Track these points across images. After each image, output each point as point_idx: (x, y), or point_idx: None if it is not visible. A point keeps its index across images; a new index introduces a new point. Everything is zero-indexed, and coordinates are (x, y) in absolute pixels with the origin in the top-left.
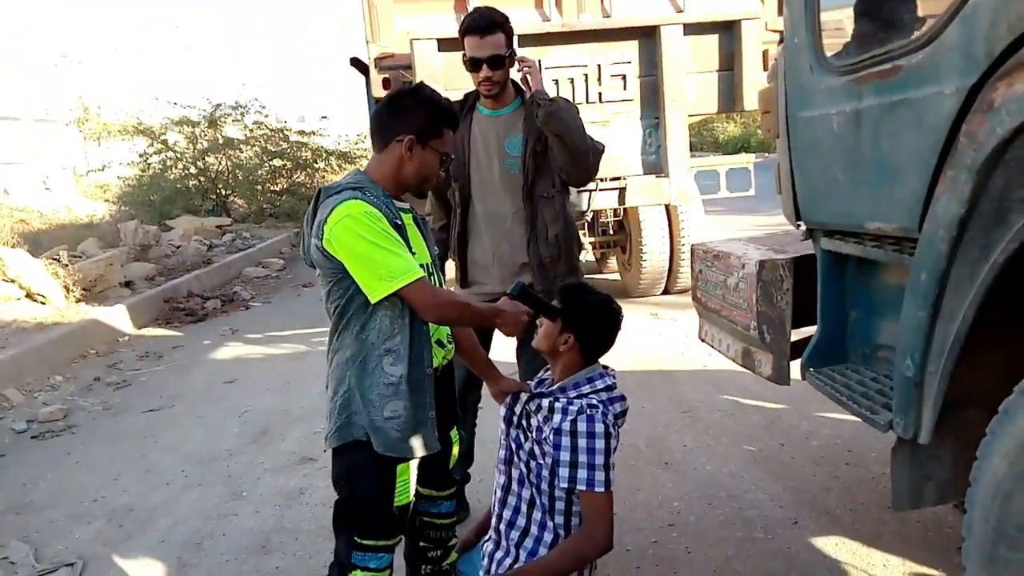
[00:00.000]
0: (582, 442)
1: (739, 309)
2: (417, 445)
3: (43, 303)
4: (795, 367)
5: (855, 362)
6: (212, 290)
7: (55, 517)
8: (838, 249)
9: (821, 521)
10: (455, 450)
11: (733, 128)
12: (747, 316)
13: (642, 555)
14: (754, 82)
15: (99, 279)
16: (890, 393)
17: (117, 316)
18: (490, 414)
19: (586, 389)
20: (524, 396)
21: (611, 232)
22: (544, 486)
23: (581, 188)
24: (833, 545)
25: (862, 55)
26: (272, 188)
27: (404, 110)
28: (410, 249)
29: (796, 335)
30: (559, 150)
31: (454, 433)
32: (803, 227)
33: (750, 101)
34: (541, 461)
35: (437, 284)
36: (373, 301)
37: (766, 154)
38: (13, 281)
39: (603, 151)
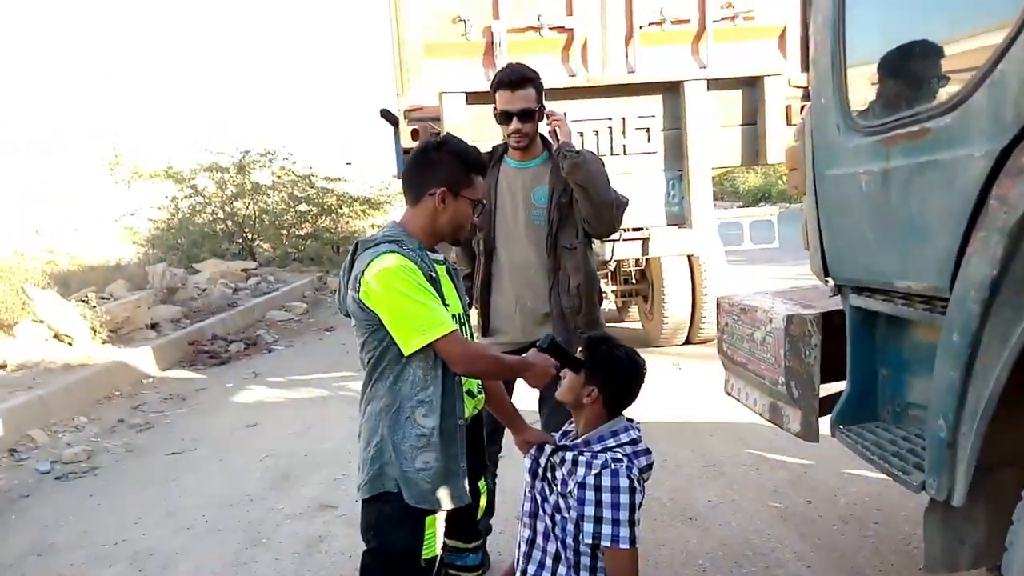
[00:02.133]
0: (606, 497)
1: (766, 364)
2: (446, 497)
3: (70, 344)
4: (824, 423)
5: (885, 420)
6: (236, 333)
7: (76, 560)
8: (867, 306)
9: None
10: (483, 501)
11: (754, 178)
12: (775, 371)
13: None
14: (776, 135)
15: (126, 321)
16: (922, 453)
17: (142, 358)
18: (509, 464)
19: (611, 443)
20: (548, 448)
21: (633, 281)
22: (569, 540)
23: (604, 239)
24: None
25: (889, 116)
26: (297, 233)
27: (434, 164)
28: (443, 301)
29: (825, 390)
30: (583, 201)
31: (482, 484)
32: (831, 283)
33: (773, 154)
34: (566, 515)
35: (468, 335)
36: (407, 353)
37: (788, 204)
38: (42, 322)
39: (627, 204)
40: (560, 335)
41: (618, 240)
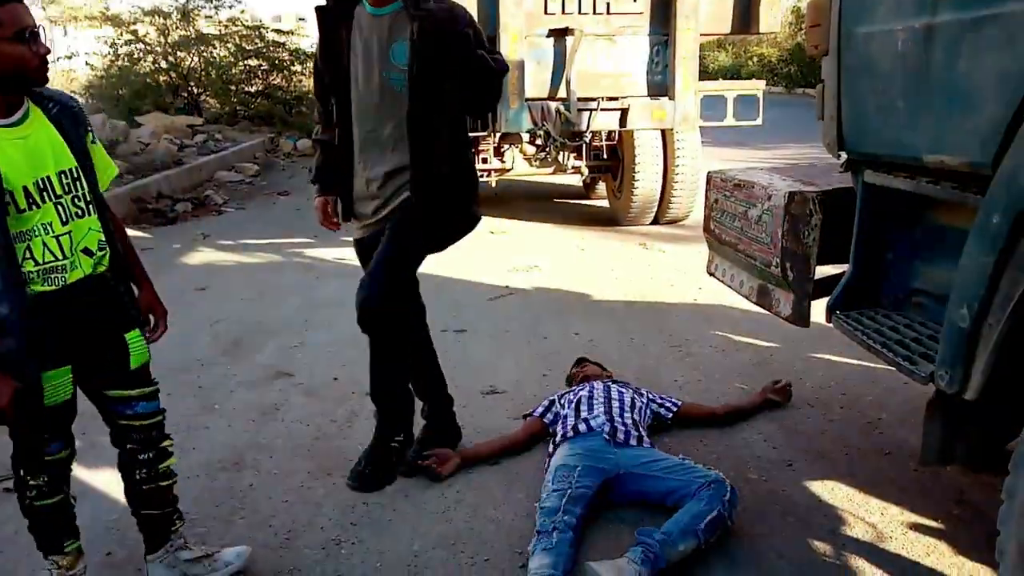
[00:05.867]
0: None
1: (759, 244)
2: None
3: None
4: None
5: (886, 307)
6: (183, 192)
7: None
8: (885, 183)
9: (816, 465)
10: (139, 351)
11: (724, 57)
12: (768, 252)
13: None
14: (771, 3)
15: None
16: (927, 343)
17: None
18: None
19: None
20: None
21: (604, 156)
22: (650, 408)
23: (584, 106)
24: (829, 490)
25: None
26: (247, 89)
27: None
28: None
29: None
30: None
31: (133, 335)
32: (843, 158)
33: (766, 23)
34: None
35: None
36: None
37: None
38: None
39: (507, 72)
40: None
41: (596, 110)
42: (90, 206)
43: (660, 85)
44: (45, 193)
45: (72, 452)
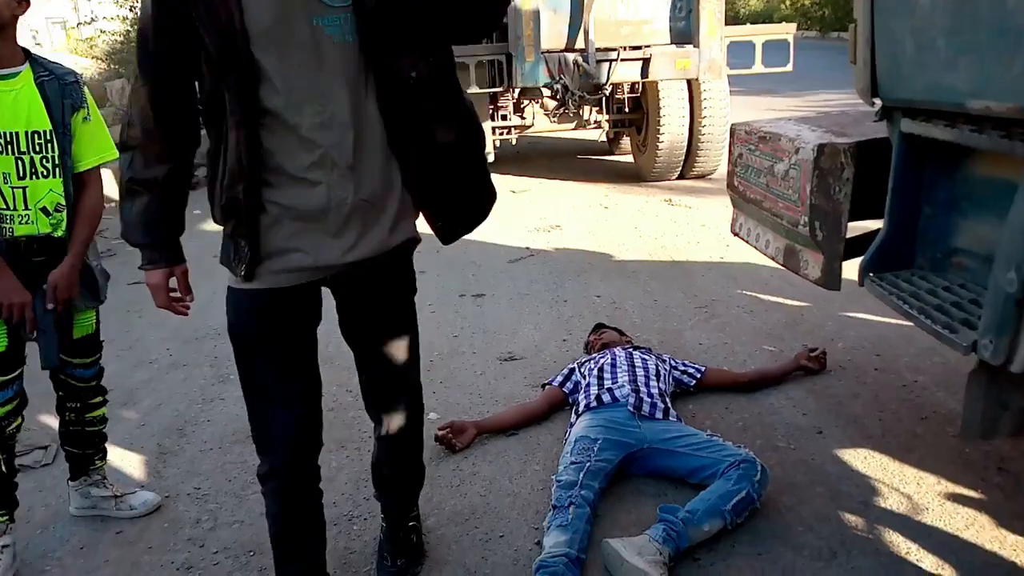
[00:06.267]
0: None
1: (786, 200)
2: None
3: None
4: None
5: (922, 267)
6: (201, 157)
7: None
8: (923, 132)
9: (848, 431)
10: (83, 323)
11: (755, 1)
12: (796, 210)
13: None
14: None
15: None
16: (969, 307)
17: (104, 179)
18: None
19: None
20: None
21: (626, 110)
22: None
23: (603, 57)
24: (862, 459)
25: None
26: None
27: None
28: None
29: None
30: None
31: (86, 312)
32: (878, 105)
33: None
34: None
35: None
36: None
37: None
38: None
39: None
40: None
41: (615, 60)
42: (56, 169)
43: (683, 32)
44: (11, 147)
45: (14, 412)
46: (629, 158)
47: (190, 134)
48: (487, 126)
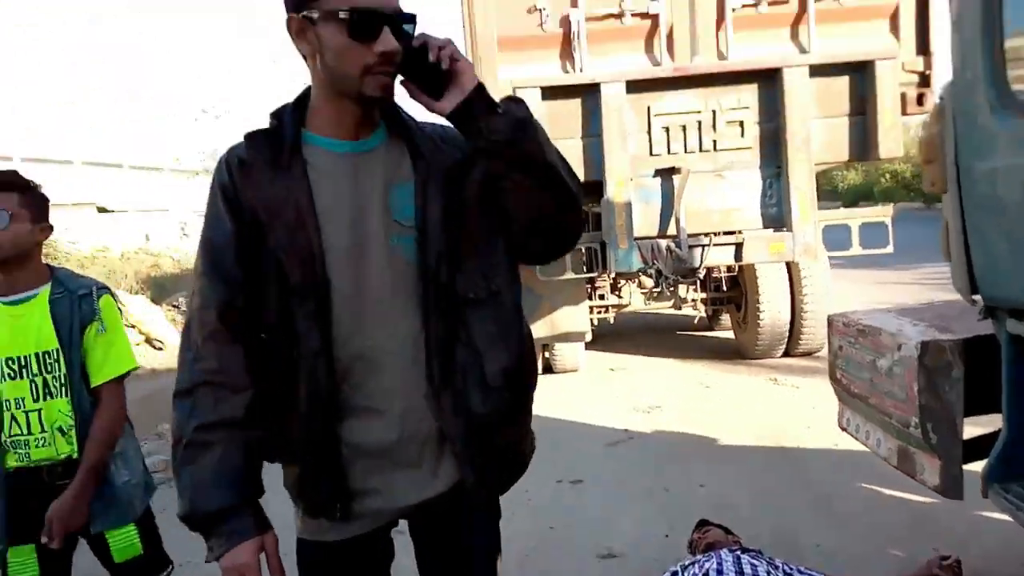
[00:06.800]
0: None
1: (893, 399)
2: None
3: (160, 349)
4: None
5: None
6: None
7: None
8: None
9: None
10: (121, 547)
11: (854, 176)
12: (905, 409)
13: None
14: (890, 128)
15: None
16: None
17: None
18: None
19: None
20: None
21: (724, 288)
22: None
23: (695, 243)
24: None
25: None
26: None
27: None
28: None
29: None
30: (528, 198)
31: (115, 533)
32: (979, 304)
33: (886, 148)
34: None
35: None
36: None
37: (892, 204)
38: (133, 327)
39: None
40: (474, 480)
41: (708, 245)
42: (63, 388)
43: (776, 217)
44: (25, 370)
45: None
46: (729, 334)
47: (258, 370)
48: (584, 306)
